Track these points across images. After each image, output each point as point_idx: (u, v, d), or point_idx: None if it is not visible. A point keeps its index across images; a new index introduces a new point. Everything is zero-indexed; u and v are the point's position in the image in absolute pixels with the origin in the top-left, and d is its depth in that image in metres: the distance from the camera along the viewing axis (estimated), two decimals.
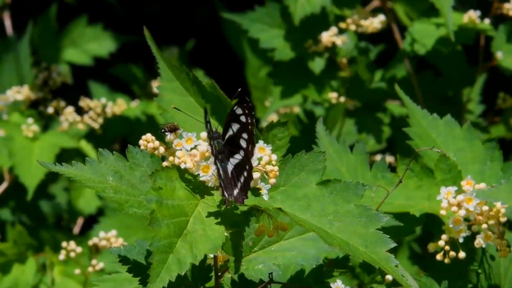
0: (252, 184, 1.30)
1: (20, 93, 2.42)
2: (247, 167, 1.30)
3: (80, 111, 2.47)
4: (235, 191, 1.30)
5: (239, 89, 1.39)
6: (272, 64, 2.48)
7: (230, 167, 1.31)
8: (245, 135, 1.31)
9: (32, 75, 2.51)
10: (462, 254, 1.52)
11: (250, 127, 1.30)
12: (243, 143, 1.31)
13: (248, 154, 1.31)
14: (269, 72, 2.41)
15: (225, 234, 1.30)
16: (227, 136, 1.32)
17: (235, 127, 1.31)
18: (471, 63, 2.42)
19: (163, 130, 1.33)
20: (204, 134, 1.35)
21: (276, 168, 1.33)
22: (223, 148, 1.32)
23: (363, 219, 1.29)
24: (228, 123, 1.32)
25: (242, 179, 1.30)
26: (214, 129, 1.33)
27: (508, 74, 2.32)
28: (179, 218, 1.26)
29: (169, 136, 1.34)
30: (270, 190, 1.32)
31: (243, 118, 1.30)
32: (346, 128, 2.46)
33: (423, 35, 2.27)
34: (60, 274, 2.18)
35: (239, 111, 1.30)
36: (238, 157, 1.31)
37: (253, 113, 1.30)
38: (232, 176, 1.31)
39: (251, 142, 1.31)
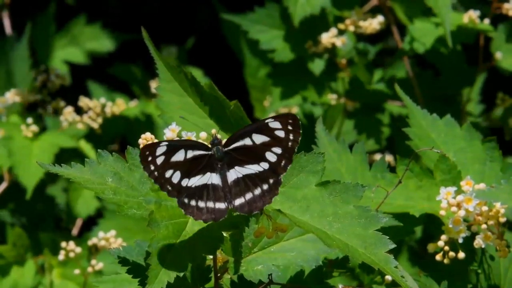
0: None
1: (19, 95, 2.41)
2: (270, 181, 1.28)
3: (79, 111, 2.47)
4: (238, 201, 1.28)
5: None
6: (271, 64, 2.48)
7: (233, 175, 1.29)
8: (277, 150, 1.28)
9: (31, 77, 2.50)
10: (461, 255, 1.52)
11: (290, 143, 1.28)
12: (271, 157, 1.28)
13: (278, 169, 1.28)
14: (269, 73, 2.41)
15: (225, 235, 1.30)
16: (237, 144, 1.30)
17: (260, 138, 1.29)
18: (471, 63, 2.41)
19: None
20: (203, 134, 1.34)
21: None
22: (223, 155, 1.30)
23: (363, 220, 1.29)
24: (247, 132, 1.29)
25: (257, 191, 1.28)
26: (214, 135, 1.32)
27: (507, 75, 2.31)
28: (178, 219, 1.26)
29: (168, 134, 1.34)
30: None
31: (280, 133, 1.28)
32: (345, 127, 2.46)
33: (423, 33, 2.26)
34: (59, 276, 2.17)
35: (275, 125, 1.28)
36: (255, 168, 1.29)
37: (300, 131, 1.28)
38: (236, 185, 1.28)
39: (288, 159, 1.28)
